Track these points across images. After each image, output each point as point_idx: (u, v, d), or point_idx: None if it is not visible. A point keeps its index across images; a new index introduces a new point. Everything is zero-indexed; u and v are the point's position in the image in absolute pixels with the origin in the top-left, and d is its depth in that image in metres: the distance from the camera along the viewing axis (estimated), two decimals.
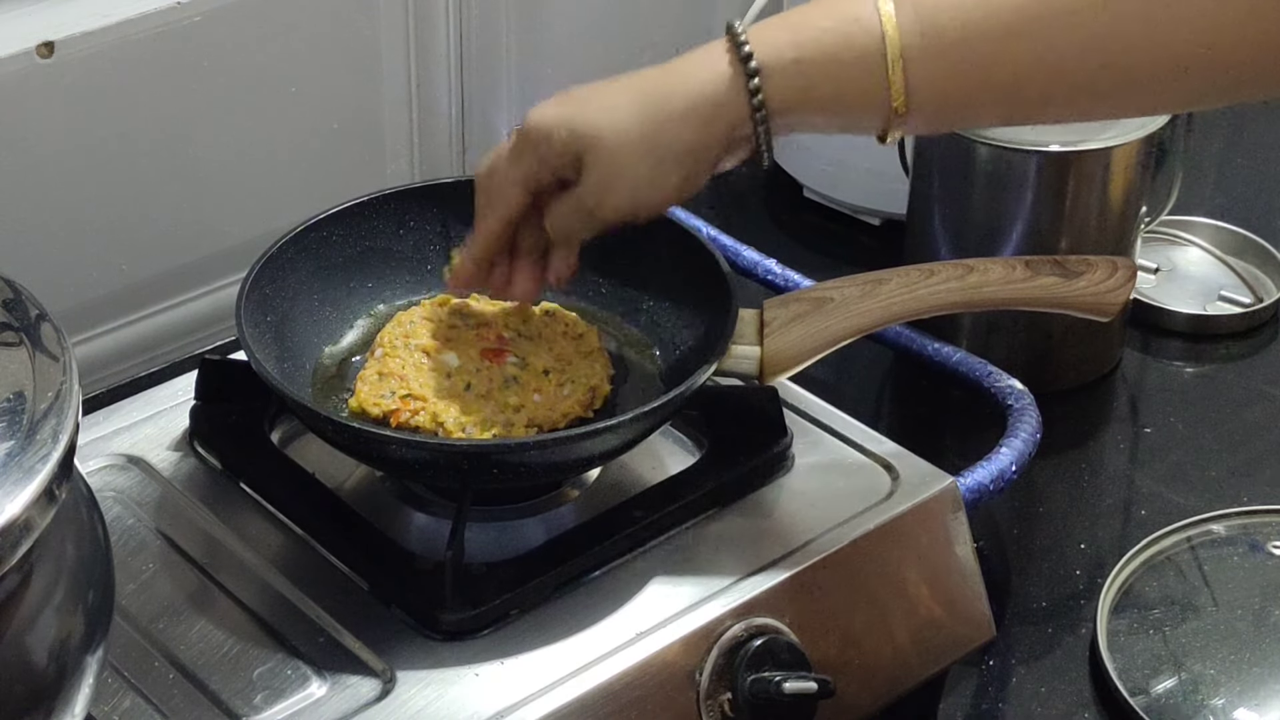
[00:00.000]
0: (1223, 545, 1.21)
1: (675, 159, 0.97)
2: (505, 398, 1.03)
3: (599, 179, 0.98)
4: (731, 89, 0.95)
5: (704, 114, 0.95)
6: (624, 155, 0.97)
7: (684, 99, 0.96)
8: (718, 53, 0.96)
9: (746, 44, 0.94)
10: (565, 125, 0.97)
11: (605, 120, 0.97)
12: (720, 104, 0.95)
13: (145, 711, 0.91)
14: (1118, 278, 1.06)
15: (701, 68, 0.96)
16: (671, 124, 0.96)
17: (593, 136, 0.97)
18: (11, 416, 0.75)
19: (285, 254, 1.08)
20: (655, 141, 0.96)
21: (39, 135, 1.21)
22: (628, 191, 0.98)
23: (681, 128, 0.96)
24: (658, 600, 0.97)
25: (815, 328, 1.05)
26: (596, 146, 0.97)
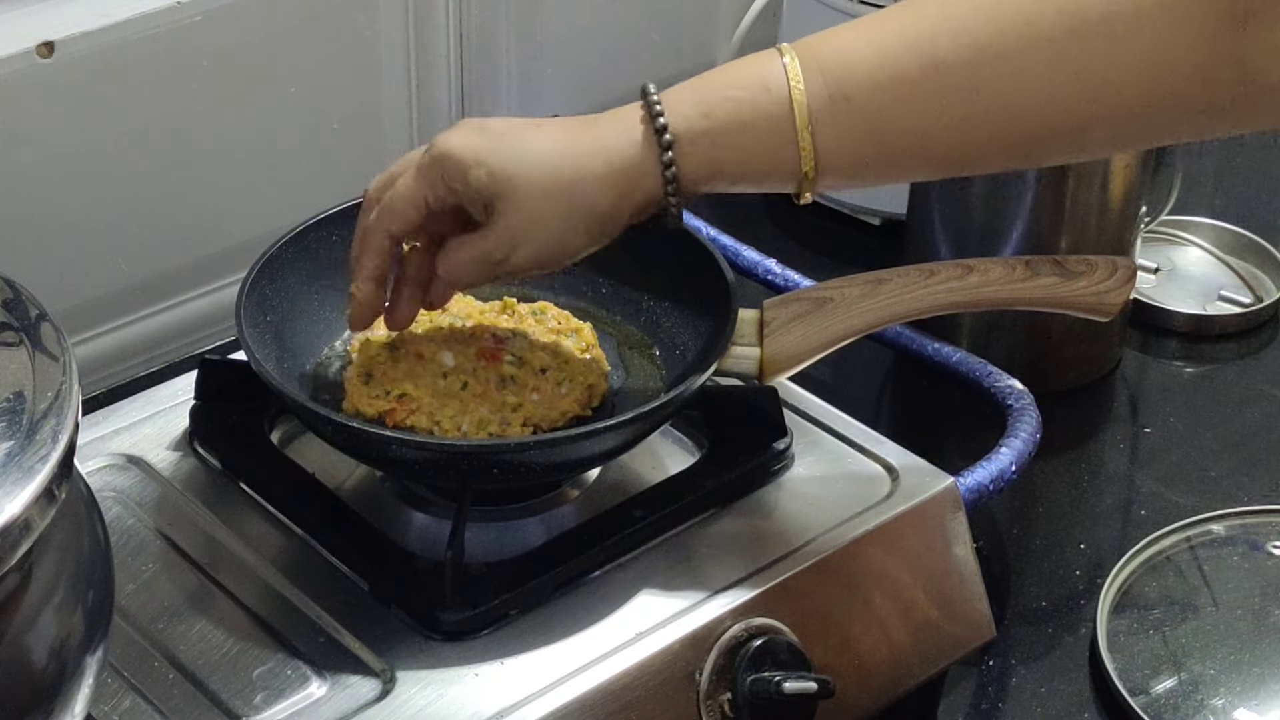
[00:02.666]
0: (1223, 545, 1.21)
1: (587, 221, 0.96)
2: (503, 397, 1.03)
3: (509, 230, 0.96)
4: (646, 159, 0.95)
5: (618, 181, 0.95)
6: (538, 211, 0.96)
7: (602, 162, 0.95)
8: (633, 119, 0.96)
9: (661, 115, 0.95)
10: (484, 165, 0.95)
11: (523, 169, 0.95)
12: (634, 173, 0.95)
13: (145, 711, 0.91)
14: (1118, 278, 1.06)
15: (619, 133, 0.96)
16: (588, 186, 0.95)
17: (510, 185, 0.95)
18: (11, 416, 0.75)
19: (285, 254, 1.08)
20: (571, 202, 0.95)
21: (39, 135, 1.21)
22: (536, 247, 0.97)
23: (597, 192, 0.95)
24: (658, 600, 0.97)
25: (815, 328, 1.05)
26: (513, 196, 0.95)
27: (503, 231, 0.96)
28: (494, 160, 0.95)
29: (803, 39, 0.96)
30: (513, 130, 0.97)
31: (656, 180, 0.95)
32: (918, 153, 0.95)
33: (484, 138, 0.97)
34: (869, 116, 0.93)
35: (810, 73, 0.94)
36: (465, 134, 0.97)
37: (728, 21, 1.60)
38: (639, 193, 0.96)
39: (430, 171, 0.97)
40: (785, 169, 0.95)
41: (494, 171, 0.95)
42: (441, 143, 0.97)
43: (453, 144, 0.97)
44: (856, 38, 0.95)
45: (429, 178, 0.97)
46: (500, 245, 0.97)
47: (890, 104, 0.93)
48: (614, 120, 0.97)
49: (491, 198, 0.96)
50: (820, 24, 1.01)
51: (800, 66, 0.94)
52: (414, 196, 0.98)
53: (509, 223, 0.96)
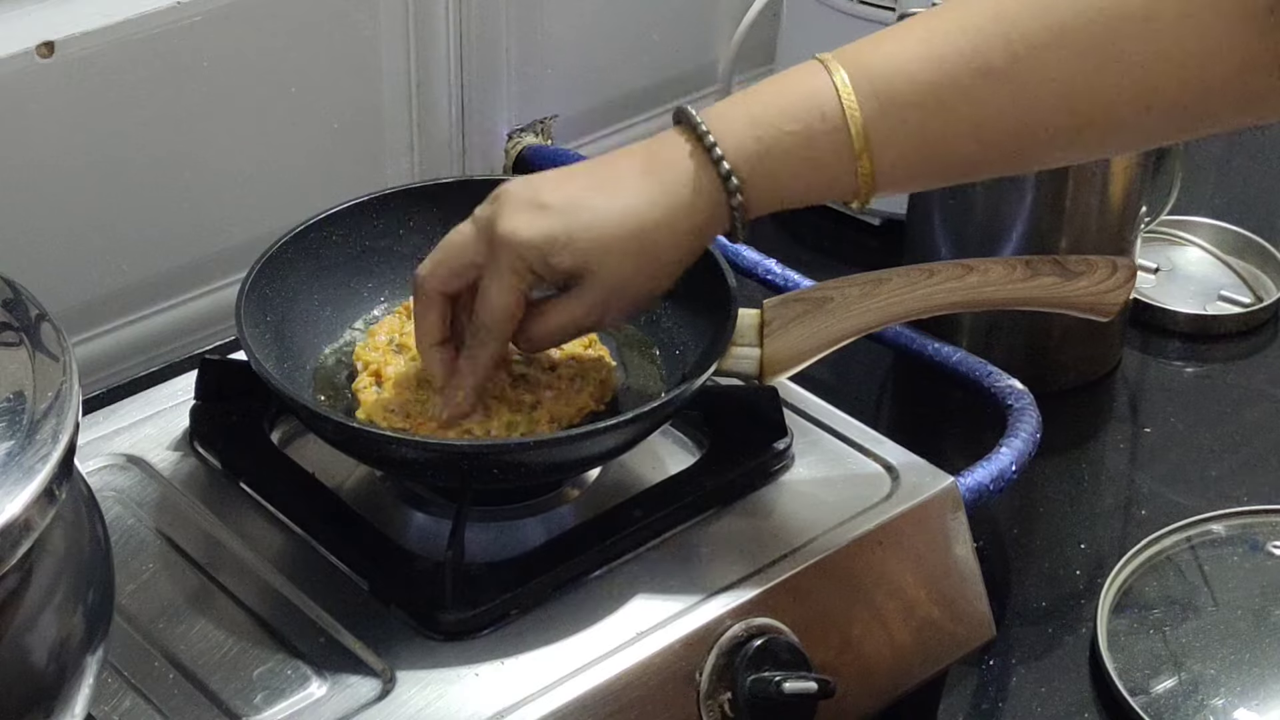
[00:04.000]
0: (1223, 545, 1.21)
1: (672, 267, 0.98)
2: (519, 396, 1.03)
3: (599, 297, 0.97)
4: (713, 200, 0.95)
5: (691, 225, 0.96)
6: (628, 273, 0.96)
7: (674, 212, 0.95)
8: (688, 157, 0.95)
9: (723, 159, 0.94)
10: (563, 247, 0.95)
11: (603, 241, 0.95)
12: (704, 213, 0.96)
13: (145, 711, 0.91)
14: (1117, 278, 1.06)
15: (682, 179, 0.95)
16: (666, 238, 0.96)
17: (594, 260, 0.95)
18: (11, 416, 0.75)
19: (285, 254, 1.08)
20: (655, 257, 0.96)
21: (39, 135, 1.21)
22: (627, 304, 0.98)
23: (675, 239, 0.96)
24: (658, 600, 0.97)
25: (815, 328, 1.05)
26: (599, 269, 0.96)
27: (593, 300, 0.97)
28: (572, 240, 0.95)
29: (849, 48, 0.96)
30: (574, 196, 0.96)
31: (723, 216, 0.96)
32: (970, 158, 0.96)
33: (551, 217, 0.96)
34: (922, 129, 0.93)
35: (862, 91, 0.93)
36: (525, 215, 0.96)
37: (728, 21, 1.60)
38: (710, 228, 0.97)
39: (514, 264, 0.96)
40: (843, 188, 0.96)
41: (575, 251, 0.95)
42: (509, 232, 0.95)
43: (524, 233, 0.95)
44: (904, 46, 0.94)
45: (516, 271, 0.96)
46: (593, 312, 0.98)
47: (943, 112, 0.93)
48: (672, 164, 0.96)
49: (577, 275, 0.96)
50: (820, 24, 1.01)
51: (851, 84, 0.93)
52: (514, 298, 0.97)
53: (598, 291, 0.97)
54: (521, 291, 0.97)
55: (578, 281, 0.97)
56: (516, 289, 0.97)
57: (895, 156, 0.94)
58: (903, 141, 0.94)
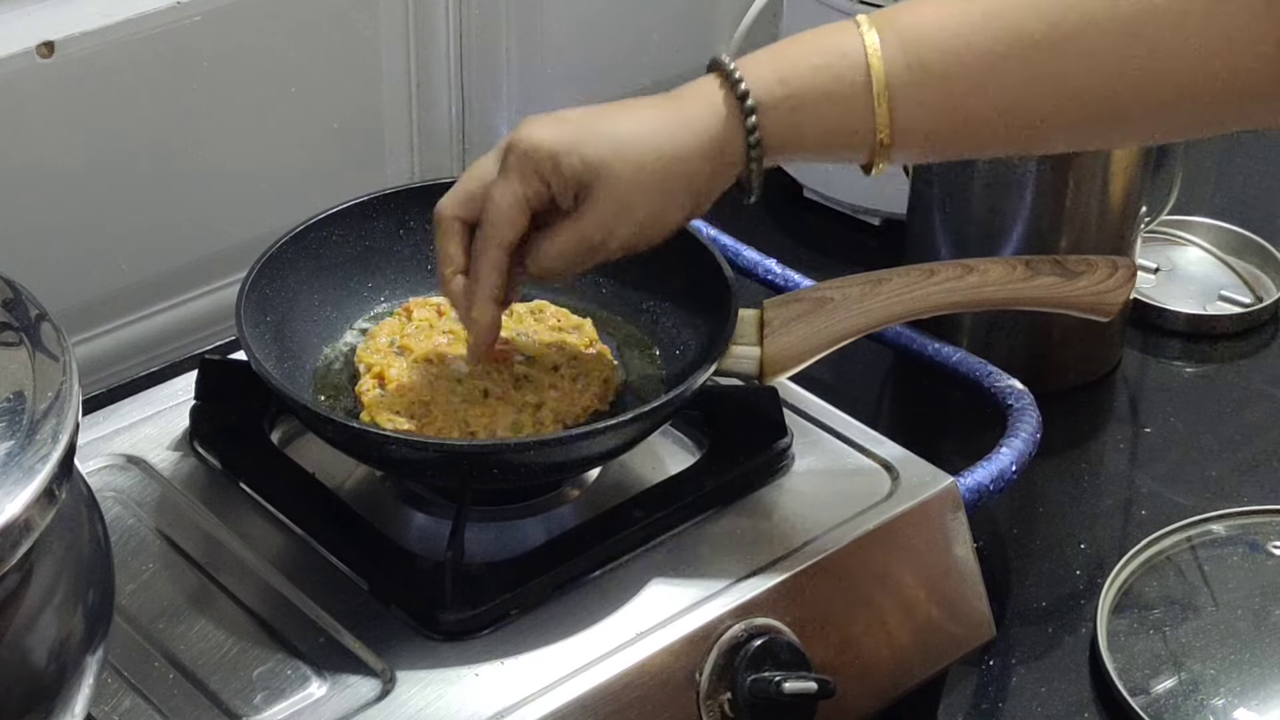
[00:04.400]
0: (1223, 545, 1.21)
1: (681, 194, 0.97)
2: (523, 397, 1.03)
3: (608, 212, 0.96)
4: (731, 128, 0.95)
5: (708, 151, 0.96)
6: (635, 189, 0.95)
7: (689, 135, 0.96)
8: (713, 90, 0.96)
9: (742, 82, 0.95)
10: (575, 152, 0.95)
11: (615, 152, 0.95)
12: (721, 142, 0.95)
13: (145, 711, 0.91)
14: (1118, 278, 1.06)
15: (702, 105, 0.96)
16: (679, 160, 0.95)
17: (605, 168, 0.95)
18: (11, 416, 0.75)
19: (285, 254, 1.08)
20: (665, 176, 0.96)
21: (39, 135, 1.21)
22: (634, 226, 0.97)
23: (689, 164, 0.96)
24: (658, 600, 0.97)
25: (815, 328, 1.05)
26: (609, 178, 0.95)
27: (600, 215, 0.96)
28: (584, 146, 0.95)
29: (883, 10, 0.96)
30: (594, 116, 0.97)
31: (739, 146, 0.95)
32: (990, 127, 0.95)
33: (568, 126, 0.96)
34: (946, 89, 0.94)
35: (889, 43, 0.94)
36: (546, 126, 0.96)
37: (728, 21, 1.60)
38: (727, 162, 0.96)
39: (523, 167, 0.96)
40: (862, 138, 0.95)
41: (586, 157, 0.95)
42: (525, 137, 0.96)
43: (537, 136, 0.95)
44: (936, 10, 0.95)
45: (523, 174, 0.96)
46: (598, 229, 0.96)
47: (968, 77, 0.93)
48: (694, 93, 0.96)
49: (585, 184, 0.95)
50: (820, 24, 1.01)
51: (878, 37, 0.94)
52: (517, 199, 0.96)
53: (605, 206, 0.95)
54: (524, 195, 0.96)
55: (587, 195, 0.96)
56: (519, 191, 0.96)
57: (916, 111, 0.94)
58: (923, 101, 0.94)
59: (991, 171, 1.29)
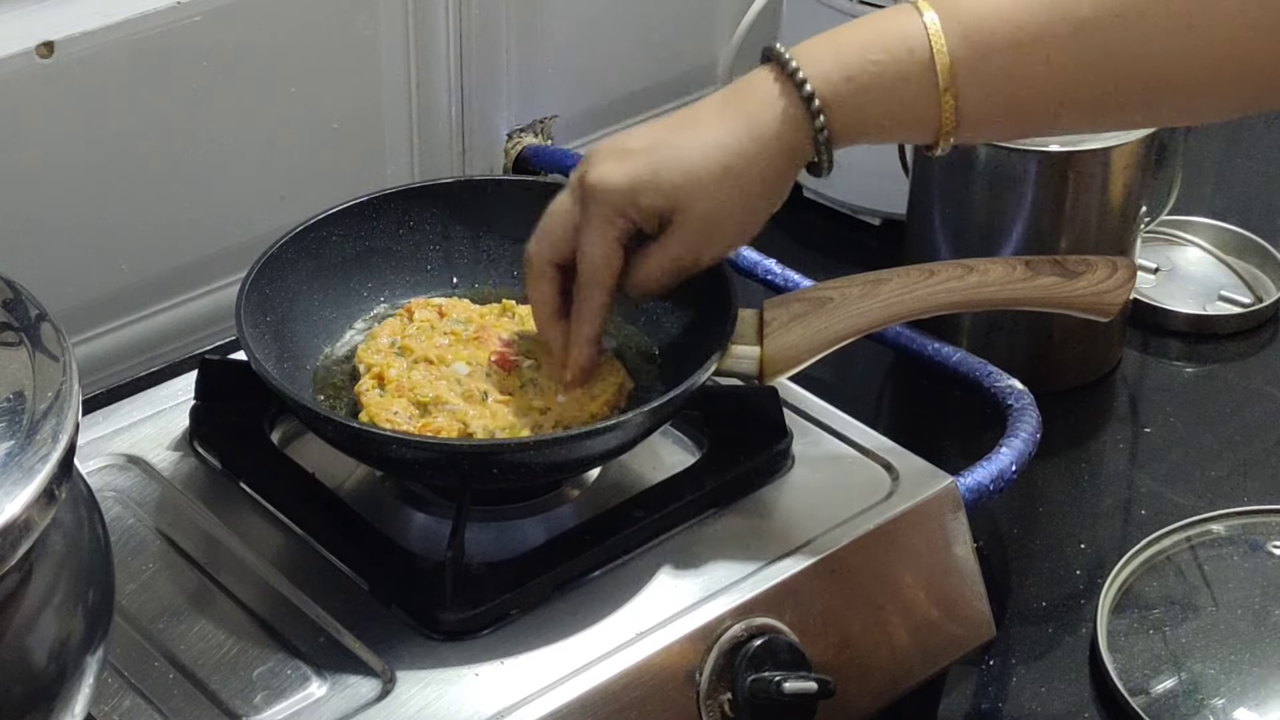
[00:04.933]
0: (1223, 545, 1.21)
1: (761, 200, 0.98)
2: (529, 401, 1.03)
3: (695, 233, 0.98)
4: (799, 127, 0.96)
5: (777, 153, 0.97)
6: (716, 207, 0.97)
7: (758, 142, 0.97)
8: (774, 89, 0.97)
9: (806, 82, 0.96)
10: (651, 187, 0.96)
11: (689, 177, 0.96)
12: (791, 141, 0.97)
13: (145, 711, 0.91)
14: (1118, 278, 1.06)
15: (766, 108, 0.97)
16: (754, 169, 0.97)
17: (683, 194, 0.97)
18: (11, 416, 0.75)
19: (285, 254, 1.08)
20: (743, 189, 0.97)
21: (39, 135, 1.21)
22: (722, 241, 1.00)
23: (763, 169, 0.97)
24: (658, 600, 0.97)
25: (815, 328, 1.05)
26: (689, 204, 0.97)
27: (687, 238, 0.98)
28: (659, 179, 0.96)
29: None
30: (660, 142, 0.98)
31: (808, 143, 0.97)
32: (1052, 107, 0.97)
33: (638, 160, 0.97)
34: (1008, 74, 0.95)
35: (951, 32, 0.95)
36: (616, 164, 0.97)
37: (728, 21, 1.60)
38: (798, 157, 0.97)
39: (605, 212, 0.97)
40: (926, 125, 0.97)
41: (663, 190, 0.96)
42: (599, 181, 0.97)
43: (611, 179, 0.97)
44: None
45: (608, 219, 0.98)
46: (689, 250, 0.98)
47: (1029, 62, 0.94)
48: (756, 95, 0.97)
49: (667, 214, 0.97)
50: (820, 24, 1.01)
51: (941, 24, 0.95)
52: (610, 245, 0.98)
53: (691, 228, 0.97)
54: (616, 238, 0.98)
55: (671, 220, 0.98)
56: (610, 236, 0.98)
57: (980, 97, 0.95)
58: (988, 83, 0.95)
59: (991, 171, 1.29)
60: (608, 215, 0.98)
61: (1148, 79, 0.95)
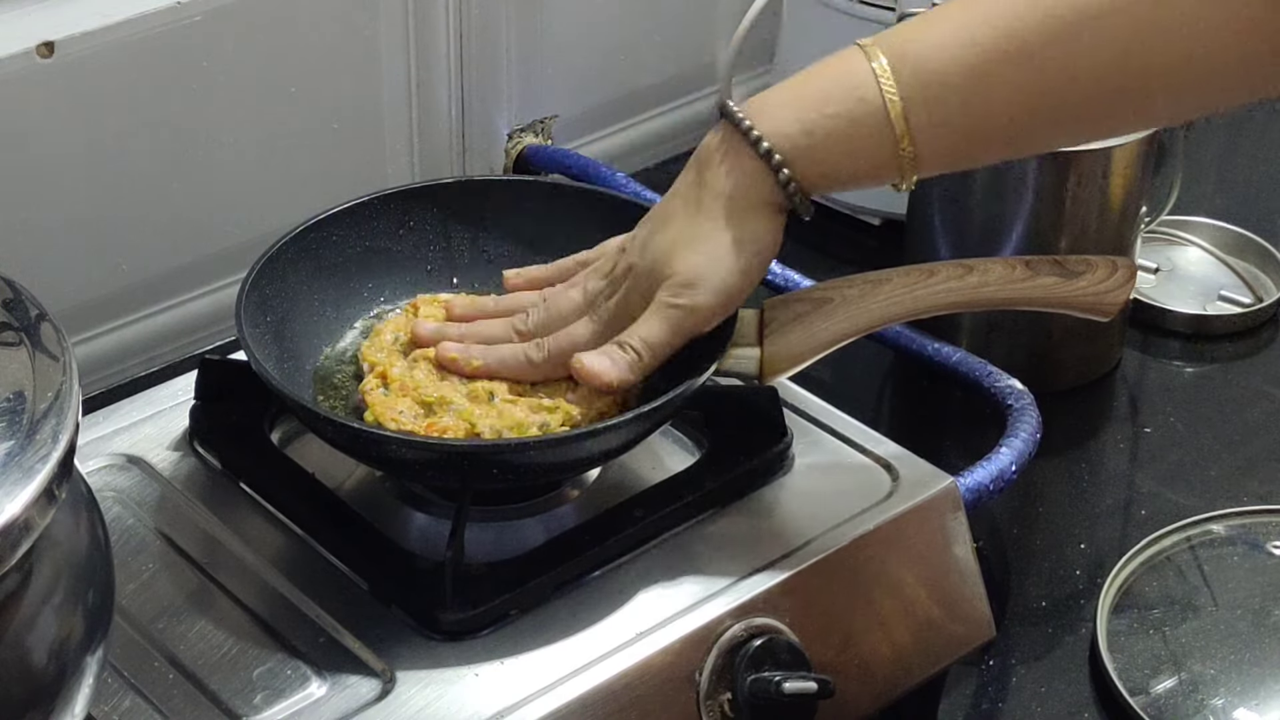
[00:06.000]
0: (1223, 545, 1.21)
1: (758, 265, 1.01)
2: (538, 401, 1.02)
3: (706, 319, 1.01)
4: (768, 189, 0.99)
5: (758, 223, 1.00)
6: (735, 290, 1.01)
7: (739, 224, 0.99)
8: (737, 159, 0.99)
9: (762, 140, 0.98)
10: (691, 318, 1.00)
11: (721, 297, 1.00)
12: (766, 206, 1.00)
13: (145, 711, 0.91)
14: (1118, 278, 1.06)
15: (736, 184, 0.99)
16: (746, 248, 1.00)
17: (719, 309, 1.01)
18: (11, 416, 0.75)
19: (285, 254, 1.08)
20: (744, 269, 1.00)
21: (39, 135, 1.21)
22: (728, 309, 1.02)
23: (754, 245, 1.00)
24: (658, 600, 0.97)
25: (815, 328, 1.05)
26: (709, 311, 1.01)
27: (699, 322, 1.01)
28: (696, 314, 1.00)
29: (887, 32, 0.99)
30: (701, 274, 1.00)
31: (781, 200, 0.99)
32: (1009, 136, 0.98)
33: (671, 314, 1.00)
34: (962, 109, 0.96)
35: (902, 76, 0.96)
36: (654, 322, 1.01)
37: (728, 21, 1.60)
38: (779, 215, 1.00)
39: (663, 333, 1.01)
40: (887, 171, 0.99)
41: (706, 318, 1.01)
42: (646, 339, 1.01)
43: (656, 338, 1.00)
44: (941, 30, 0.97)
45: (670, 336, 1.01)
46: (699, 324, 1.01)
47: (981, 93, 0.96)
48: (722, 173, 1.00)
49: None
50: (820, 24, 1.01)
51: (891, 69, 0.96)
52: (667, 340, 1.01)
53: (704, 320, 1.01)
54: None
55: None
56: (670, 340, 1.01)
57: (935, 138, 0.97)
58: (942, 124, 0.97)
59: (991, 171, 1.29)
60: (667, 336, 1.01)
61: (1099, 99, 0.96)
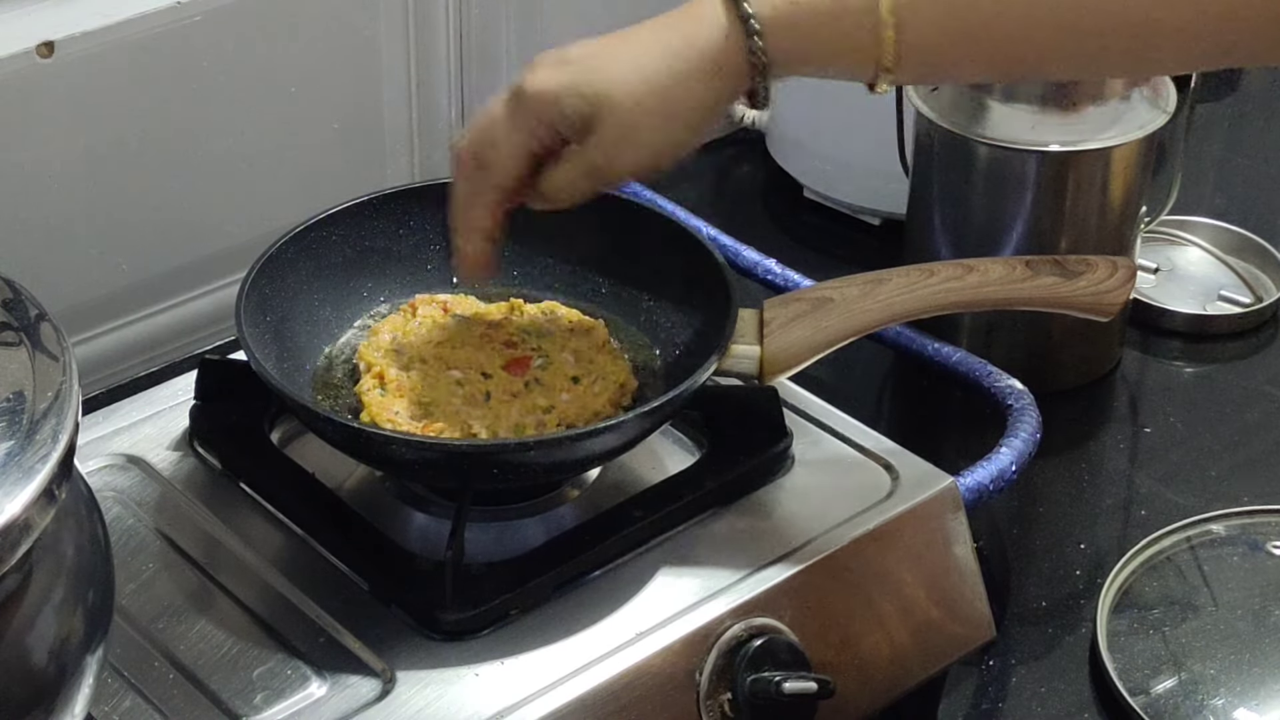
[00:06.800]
0: (1223, 545, 1.21)
1: (686, 116, 0.98)
2: (533, 400, 1.03)
3: (612, 140, 0.97)
4: (733, 47, 0.96)
5: (709, 71, 0.96)
6: (638, 116, 0.97)
7: (689, 58, 0.96)
8: (714, 8, 0.96)
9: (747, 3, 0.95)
10: (574, 91, 0.97)
11: (617, 83, 0.97)
12: (724, 63, 0.96)
13: (145, 711, 0.91)
14: (1118, 278, 1.06)
15: (701, 25, 0.96)
16: (680, 83, 0.96)
17: (606, 101, 0.96)
18: (11, 416, 0.75)
19: (285, 254, 1.08)
20: (667, 100, 0.97)
21: (39, 135, 1.21)
22: (640, 151, 0.98)
23: (691, 86, 0.97)
24: (658, 600, 0.97)
25: (815, 328, 1.05)
26: (610, 110, 0.97)
27: (605, 141, 0.97)
28: (584, 83, 0.97)
29: None
30: (596, 49, 0.98)
31: (743, 66, 0.96)
32: (997, 48, 0.96)
33: (567, 67, 0.98)
34: (951, 8, 0.95)
35: None
36: (547, 69, 0.98)
37: None
38: (730, 82, 0.97)
39: (524, 115, 0.98)
40: (867, 58, 0.96)
41: (586, 95, 0.97)
42: (527, 83, 0.98)
43: (537, 82, 0.97)
44: None
45: (525, 122, 0.98)
46: (604, 154, 0.98)
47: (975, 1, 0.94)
48: (696, 14, 0.97)
49: (588, 118, 0.97)
50: None
51: None
52: (516, 146, 0.98)
53: (609, 133, 0.97)
54: (526, 142, 0.98)
55: (590, 129, 0.97)
56: (523, 137, 0.98)
57: (921, 33, 0.95)
58: (932, 22, 0.95)
59: (991, 171, 1.29)
60: (527, 119, 0.98)
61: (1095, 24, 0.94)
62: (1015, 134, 1.27)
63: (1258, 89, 1.74)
